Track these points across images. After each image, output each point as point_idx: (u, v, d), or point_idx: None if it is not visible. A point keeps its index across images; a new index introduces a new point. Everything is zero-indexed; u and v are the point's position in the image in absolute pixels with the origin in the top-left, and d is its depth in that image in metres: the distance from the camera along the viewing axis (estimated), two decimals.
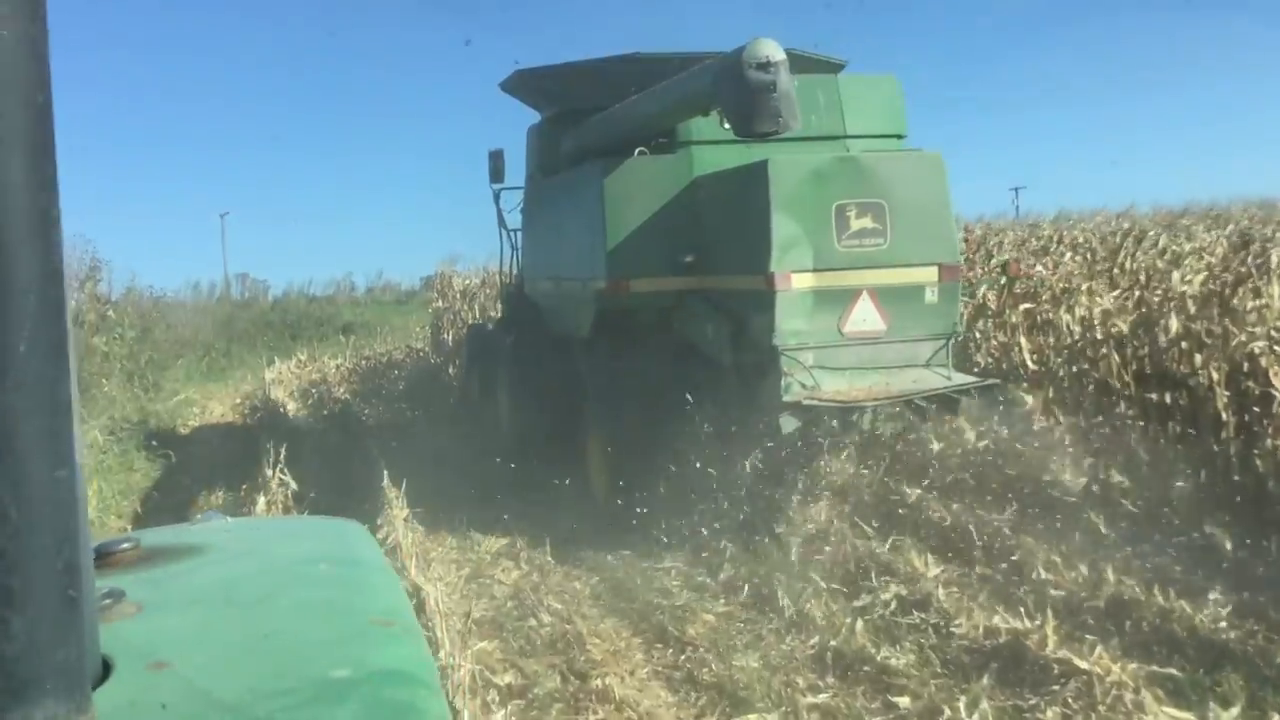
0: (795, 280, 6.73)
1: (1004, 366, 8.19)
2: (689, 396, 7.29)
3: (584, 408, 8.42)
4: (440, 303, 19.77)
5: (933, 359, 6.98)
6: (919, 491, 6.91)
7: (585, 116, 8.84)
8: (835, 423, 6.78)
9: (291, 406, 14.69)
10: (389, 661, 1.13)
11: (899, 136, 8.30)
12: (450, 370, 15.49)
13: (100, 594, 1.13)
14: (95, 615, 0.86)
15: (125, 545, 1.47)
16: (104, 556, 1.42)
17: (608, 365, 8.24)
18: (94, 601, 0.87)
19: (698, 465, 7.01)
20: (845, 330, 6.86)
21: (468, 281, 19.70)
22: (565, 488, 8.17)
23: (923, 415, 6.90)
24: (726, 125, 6.69)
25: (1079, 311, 8.12)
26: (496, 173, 10.71)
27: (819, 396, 6.56)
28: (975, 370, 8.13)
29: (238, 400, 17.28)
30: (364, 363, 19.54)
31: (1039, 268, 10.39)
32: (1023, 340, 8.28)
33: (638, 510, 7.22)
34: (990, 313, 9.15)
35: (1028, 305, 8.87)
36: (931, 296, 6.96)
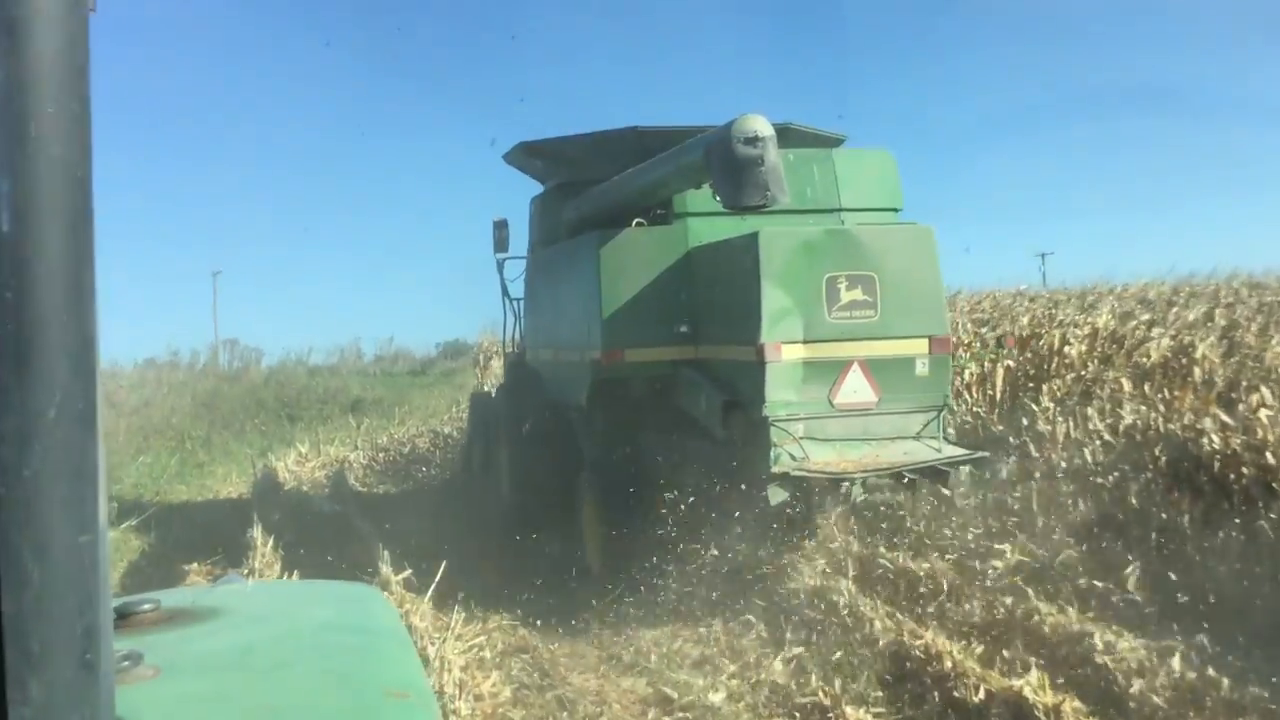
0: (785, 351, 6.76)
1: None
2: (682, 465, 7.30)
3: (580, 475, 8.44)
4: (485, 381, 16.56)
5: (923, 431, 6.96)
6: None
7: (585, 188, 8.96)
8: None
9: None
10: None
11: (894, 210, 8.38)
12: None
13: (119, 655, 1.14)
14: (112, 678, 0.86)
15: (146, 606, 1.50)
16: (124, 617, 1.44)
17: (603, 434, 8.27)
18: (112, 664, 0.87)
19: (690, 535, 7.01)
20: (836, 401, 6.86)
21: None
22: (562, 556, 8.18)
23: (912, 488, 6.87)
24: (718, 198, 6.76)
25: None
26: (500, 242, 10.84)
27: (808, 468, 6.54)
28: None
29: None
30: (381, 455, 16.26)
31: None
32: None
33: (633, 579, 7.22)
34: None
35: None
36: (922, 369, 6.96)
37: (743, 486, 6.81)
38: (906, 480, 6.73)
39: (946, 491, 7.30)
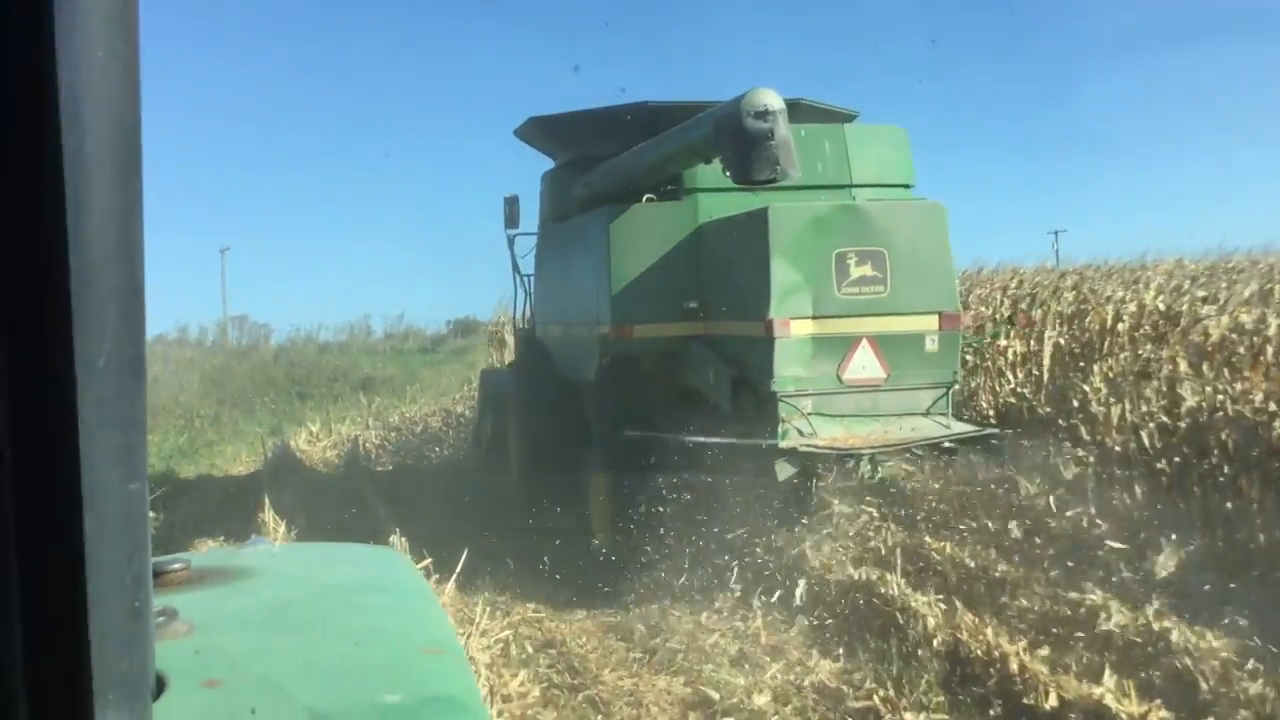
0: (794, 327, 6.75)
1: None
2: (691, 442, 7.30)
3: (589, 451, 8.46)
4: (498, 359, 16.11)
5: (932, 407, 6.95)
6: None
7: (596, 163, 8.95)
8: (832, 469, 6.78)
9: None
10: (439, 688, 1.17)
11: (906, 186, 8.35)
12: None
13: (154, 611, 1.18)
14: (154, 629, 0.87)
15: (176, 565, 1.50)
16: (156, 575, 1.43)
17: (612, 409, 8.28)
18: (153, 615, 0.88)
19: (702, 514, 7.02)
20: (845, 377, 6.85)
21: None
22: (577, 537, 8.18)
23: (919, 463, 6.87)
24: (728, 173, 6.74)
25: None
26: (511, 218, 10.84)
27: (815, 443, 6.54)
28: None
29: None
30: (394, 434, 15.90)
31: None
32: None
33: (638, 555, 7.23)
34: None
35: None
36: (931, 345, 6.94)
37: (751, 462, 6.82)
38: (913, 456, 6.74)
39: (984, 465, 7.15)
